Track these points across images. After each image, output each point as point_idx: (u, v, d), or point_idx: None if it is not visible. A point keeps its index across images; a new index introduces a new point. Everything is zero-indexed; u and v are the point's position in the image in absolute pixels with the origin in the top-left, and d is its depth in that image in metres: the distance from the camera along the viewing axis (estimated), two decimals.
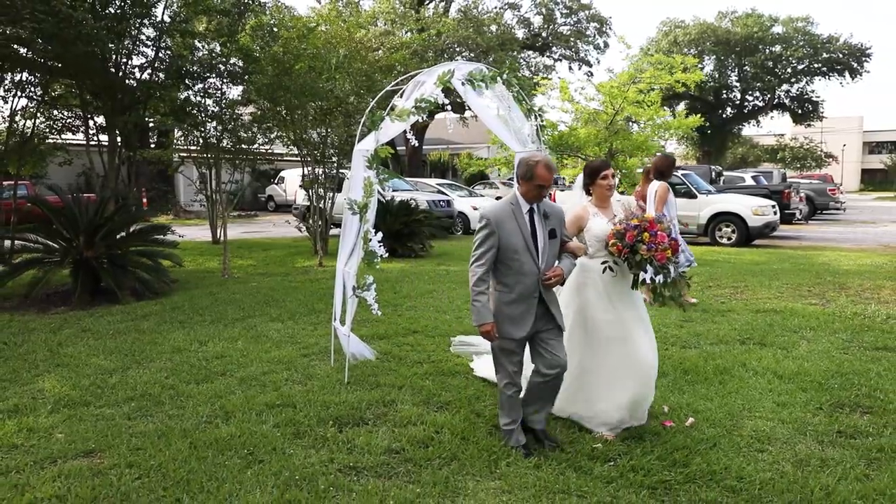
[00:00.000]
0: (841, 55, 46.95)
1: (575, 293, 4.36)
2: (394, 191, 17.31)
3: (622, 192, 15.22)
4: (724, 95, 52.54)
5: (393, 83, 5.89)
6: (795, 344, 6.43)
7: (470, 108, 5.99)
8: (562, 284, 4.11)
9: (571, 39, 38.97)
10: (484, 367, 5.38)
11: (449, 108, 33.97)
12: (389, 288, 9.58)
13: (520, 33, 39.78)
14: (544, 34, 40.27)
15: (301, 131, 13.46)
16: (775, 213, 15.61)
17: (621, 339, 4.21)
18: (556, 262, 4.07)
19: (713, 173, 22.06)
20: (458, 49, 35.66)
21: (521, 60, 40.57)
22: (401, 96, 5.52)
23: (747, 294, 9.14)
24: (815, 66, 48.69)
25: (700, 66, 49.80)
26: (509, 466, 3.81)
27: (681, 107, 53.36)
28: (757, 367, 5.61)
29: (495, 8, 38.30)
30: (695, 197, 15.54)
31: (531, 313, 3.94)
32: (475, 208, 18.61)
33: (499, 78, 5.73)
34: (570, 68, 41.50)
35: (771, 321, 7.38)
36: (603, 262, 4.20)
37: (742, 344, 6.46)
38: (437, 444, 4.08)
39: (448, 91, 5.48)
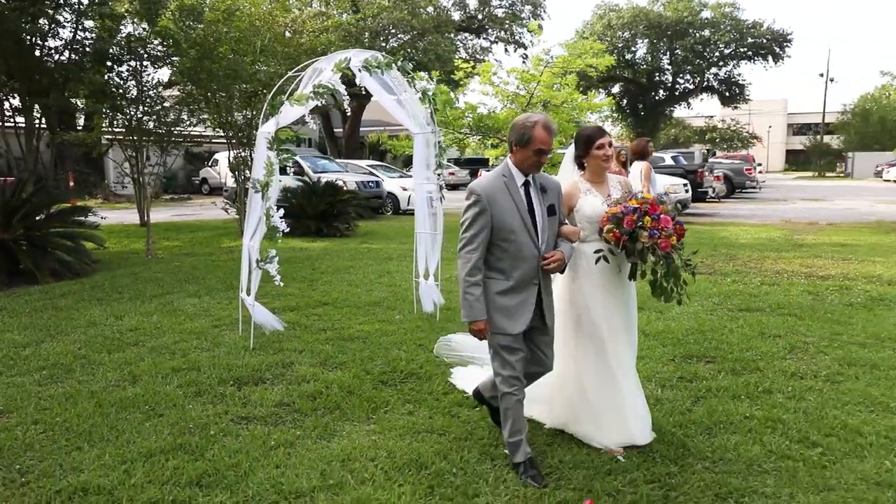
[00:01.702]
0: (765, 40, 48.86)
1: (567, 284, 3.82)
2: (322, 172, 17.63)
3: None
4: (657, 78, 54.02)
5: (294, 70, 6.25)
6: (670, 307, 7.11)
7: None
8: (562, 272, 3.61)
9: (506, 22, 39.49)
10: (468, 379, 4.71)
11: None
12: (309, 265, 9.97)
13: (456, 15, 40.09)
14: (480, 16, 40.68)
15: (227, 114, 13.61)
16: (687, 191, 16.54)
17: (615, 340, 3.75)
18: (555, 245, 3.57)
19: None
20: (393, 31, 35.83)
21: (458, 42, 40.97)
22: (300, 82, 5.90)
23: None
24: (741, 50, 50.51)
25: (633, 49, 51.33)
26: (386, 414, 4.31)
27: (616, 88, 54.85)
28: (651, 330, 6.24)
29: None
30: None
31: (530, 304, 3.43)
32: (404, 189, 19.04)
33: (394, 64, 6.16)
34: (506, 50, 41.99)
35: None
36: (596, 251, 3.65)
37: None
38: (324, 398, 4.55)
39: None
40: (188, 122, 13.36)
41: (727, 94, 52.70)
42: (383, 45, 36.28)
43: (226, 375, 5.00)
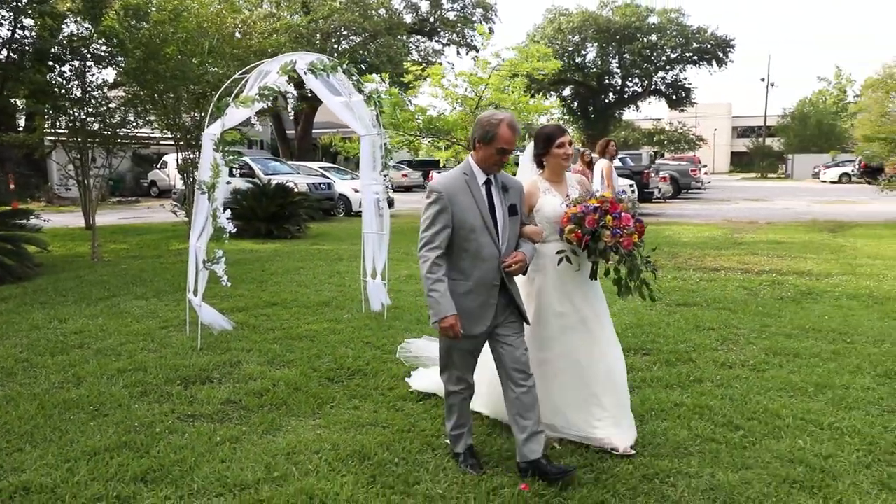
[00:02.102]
0: (709, 45, 50.28)
1: (526, 283, 3.77)
2: (273, 174, 17.54)
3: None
4: (607, 81, 55.02)
5: (240, 72, 6.28)
6: (612, 304, 7.35)
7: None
8: (523, 274, 3.53)
9: (458, 25, 39.77)
10: (427, 381, 4.71)
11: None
12: (259, 267, 9.97)
13: (408, 18, 40.19)
14: (432, 19, 40.88)
15: (175, 115, 13.46)
16: (633, 191, 16.97)
17: (579, 338, 3.75)
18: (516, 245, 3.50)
19: (589, 156, 23.36)
20: (344, 33, 35.79)
21: (410, 45, 41.11)
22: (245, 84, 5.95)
23: None
24: (687, 55, 51.88)
25: (583, 52, 52.12)
26: (331, 409, 4.41)
27: (567, 91, 55.71)
28: None
29: None
30: None
31: (491, 305, 3.35)
32: (356, 190, 19.04)
33: (339, 68, 6.25)
34: (458, 53, 42.42)
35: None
36: (558, 252, 3.61)
37: None
38: (271, 395, 4.62)
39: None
40: (134, 124, 13.16)
41: (674, 97, 53.99)
42: (335, 46, 36.18)
43: (172, 375, 5.02)
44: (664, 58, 52.71)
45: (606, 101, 55.35)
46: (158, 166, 31.40)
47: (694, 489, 3.32)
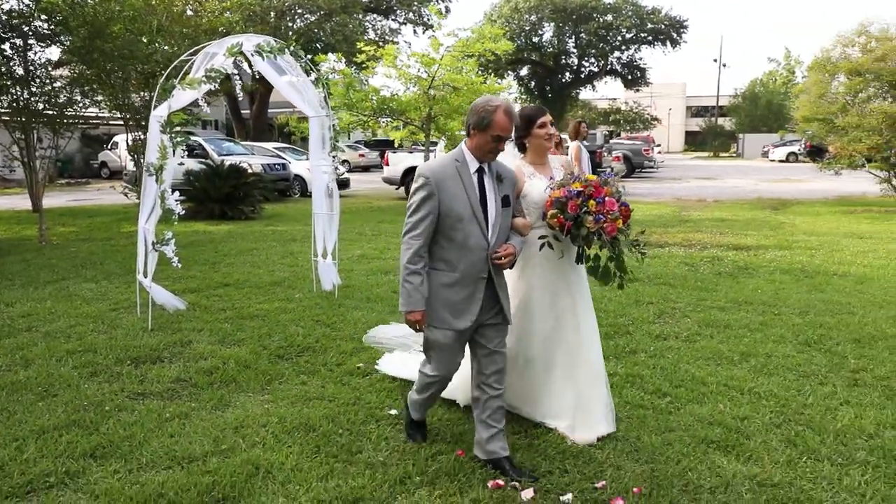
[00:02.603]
0: (663, 26, 50.91)
1: (515, 275, 3.66)
2: (227, 155, 17.38)
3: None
4: (563, 61, 55.37)
5: (186, 54, 6.28)
6: None
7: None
8: (511, 266, 3.38)
9: (414, 3, 39.49)
10: (396, 365, 4.70)
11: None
12: (212, 248, 9.97)
13: None
14: None
15: (124, 95, 13.22)
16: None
17: (565, 333, 3.69)
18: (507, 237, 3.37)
19: (558, 138, 23.70)
20: (299, 11, 35.30)
21: (367, 23, 40.72)
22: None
23: None
24: (642, 35, 52.42)
25: (540, 32, 52.30)
26: (280, 385, 4.54)
27: (524, 71, 55.92)
28: None
29: None
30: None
31: (477, 298, 3.23)
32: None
33: (286, 49, 6.29)
34: (415, 32, 42.09)
35: None
36: (540, 238, 3.50)
37: None
38: (220, 372, 4.72)
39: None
40: (81, 104, 12.89)
41: (629, 77, 54.62)
42: (290, 25, 35.66)
43: (123, 356, 5.08)
44: (620, 38, 53.20)
45: (563, 80, 55.73)
46: (109, 147, 30.71)
47: (620, 451, 3.56)
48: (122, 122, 14.02)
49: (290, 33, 35.34)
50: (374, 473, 3.29)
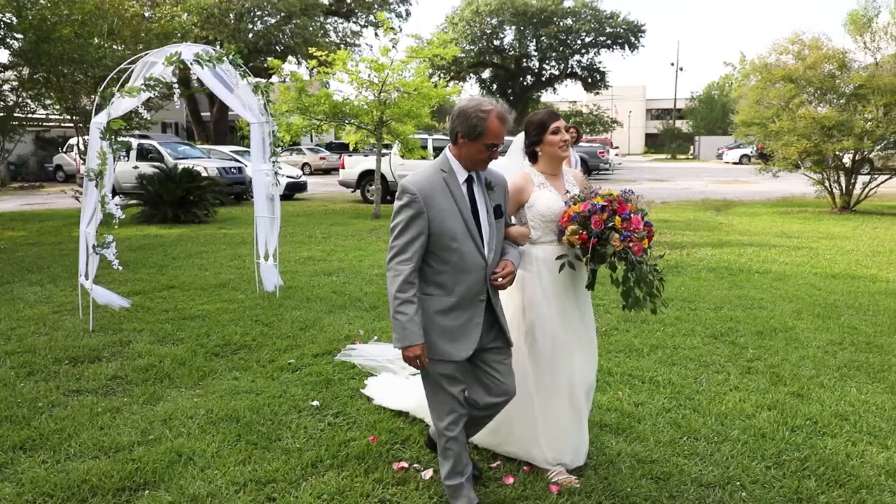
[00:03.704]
0: (621, 30, 51.90)
1: (515, 291, 3.29)
2: (182, 158, 17.42)
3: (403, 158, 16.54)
4: (525, 64, 56.08)
5: (126, 62, 6.46)
6: None
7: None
8: (510, 284, 3.02)
9: (375, 7, 39.70)
10: (385, 391, 4.34)
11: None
12: (161, 251, 10.10)
13: None
14: (349, 0, 40.65)
15: (74, 98, 13.26)
16: None
17: (572, 355, 3.33)
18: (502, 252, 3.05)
19: None
20: (258, 13, 35.22)
21: (328, 26, 40.81)
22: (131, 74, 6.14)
23: None
24: (601, 39, 53.39)
25: (501, 35, 52.82)
26: (213, 380, 4.77)
27: (486, 73, 56.48)
28: None
29: None
30: None
31: (476, 323, 2.91)
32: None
33: (225, 58, 6.51)
34: (376, 35, 42.32)
35: None
36: (559, 258, 3.17)
37: None
38: (156, 370, 4.93)
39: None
40: (28, 108, 12.89)
41: (589, 80, 55.55)
42: (249, 27, 35.62)
43: (61, 356, 5.25)
44: (579, 41, 54.09)
45: (524, 83, 56.43)
46: (64, 150, 30.31)
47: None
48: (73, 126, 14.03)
49: (250, 35, 35.34)
50: (288, 458, 3.55)
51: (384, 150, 17.16)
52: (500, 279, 2.92)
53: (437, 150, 18.21)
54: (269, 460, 3.54)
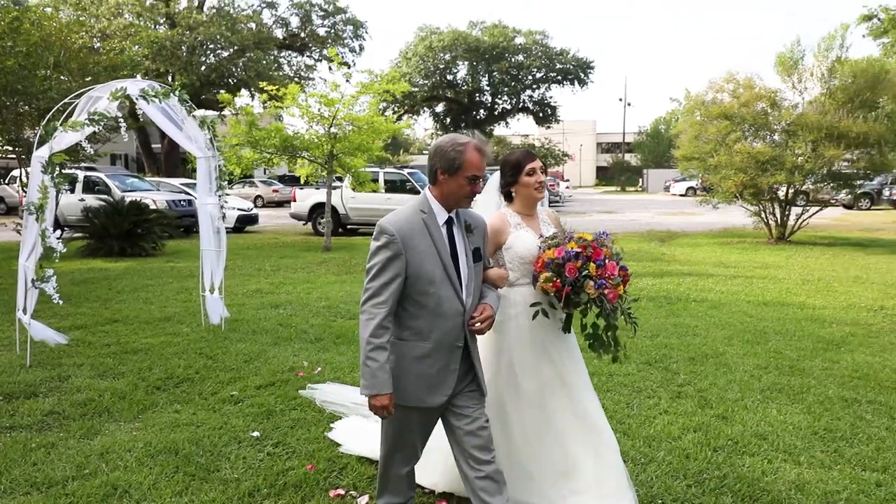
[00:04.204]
0: (571, 66, 53.43)
1: (494, 335, 3.18)
2: (130, 191, 17.23)
3: (354, 189, 16.67)
4: (477, 98, 57.11)
5: (71, 96, 6.48)
6: None
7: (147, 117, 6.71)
8: (488, 329, 2.91)
9: (329, 41, 40.12)
10: (354, 437, 4.19)
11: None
12: (106, 285, 9.96)
13: (278, 33, 40.14)
14: (302, 35, 41.01)
15: (17, 130, 13.08)
16: None
17: (558, 399, 3.20)
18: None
19: None
20: (211, 46, 35.24)
21: (282, 60, 41.02)
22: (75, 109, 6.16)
23: None
24: (551, 74, 54.84)
25: (454, 70, 53.74)
26: (153, 413, 4.76)
27: (439, 108, 57.30)
28: None
29: (251, 6, 38.23)
30: (419, 193, 17.59)
31: (452, 370, 2.81)
32: (220, 207, 19.01)
33: (172, 94, 6.58)
34: (330, 69, 42.66)
35: None
36: (533, 305, 3.08)
37: None
38: (95, 404, 4.90)
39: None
40: None
41: (541, 114, 56.83)
42: (202, 60, 35.57)
43: None
44: (531, 77, 55.44)
45: (478, 117, 57.36)
46: (6, 181, 29.55)
47: None
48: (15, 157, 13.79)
49: (203, 68, 35.28)
50: (226, 488, 3.60)
51: (336, 183, 17.29)
52: (477, 324, 2.81)
53: (388, 183, 18.44)
54: (206, 491, 3.57)
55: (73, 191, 17.68)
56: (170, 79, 32.45)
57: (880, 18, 33.74)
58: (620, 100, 69.41)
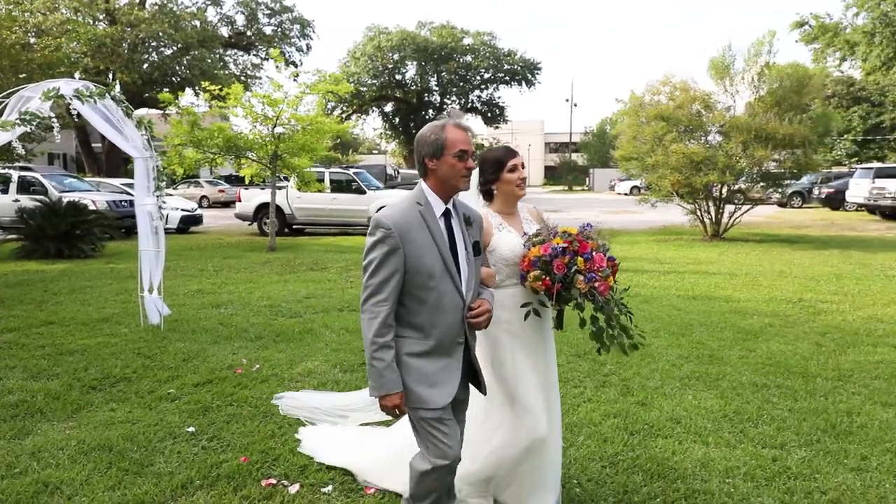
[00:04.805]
0: (518, 67, 54.12)
1: (482, 338, 3.10)
2: (69, 191, 16.85)
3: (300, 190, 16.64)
4: (427, 98, 57.31)
5: (1, 95, 6.41)
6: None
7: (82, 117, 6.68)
8: (487, 325, 2.84)
9: (275, 40, 39.74)
10: (323, 444, 4.12)
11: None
12: (42, 287, 9.79)
13: (224, 31, 39.59)
14: (249, 33, 40.54)
15: None
16: None
17: (538, 399, 3.15)
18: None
19: (395, 171, 24.66)
20: (154, 44, 34.56)
21: (228, 58, 40.47)
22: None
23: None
24: (499, 75, 55.46)
25: (403, 70, 53.81)
26: (88, 413, 4.79)
27: (388, 107, 57.30)
28: (336, 327, 7.22)
29: (196, 4, 37.61)
30: (364, 193, 17.76)
31: (455, 368, 2.73)
32: (161, 207, 18.74)
33: (107, 94, 6.57)
34: (278, 68, 42.25)
35: None
36: (524, 305, 3.02)
37: (340, 311, 8.10)
38: (27, 405, 4.89)
39: None
40: None
41: (489, 114, 57.38)
42: (144, 58, 34.86)
43: None
44: (479, 77, 55.95)
45: (427, 117, 57.50)
46: None
47: None
48: None
49: (145, 66, 34.57)
50: (158, 481, 3.68)
51: (281, 183, 17.24)
52: (478, 317, 2.74)
53: (334, 183, 18.46)
54: (139, 485, 3.65)
55: (6, 191, 17.23)
56: (110, 77, 31.70)
57: (811, 25, 35.24)
58: (567, 100, 70.53)
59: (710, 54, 17.53)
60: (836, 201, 28.62)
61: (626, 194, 45.60)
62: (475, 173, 3.13)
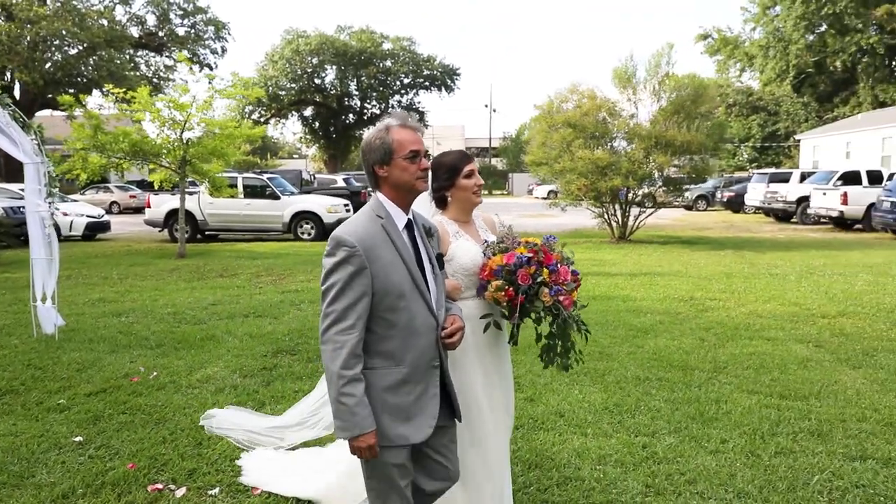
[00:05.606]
0: (437, 73, 54.68)
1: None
2: None
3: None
4: (346, 103, 57.13)
5: None
6: (286, 313, 8.25)
7: None
8: (460, 343, 2.56)
9: (189, 42, 38.79)
10: (263, 470, 3.88)
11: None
12: None
13: (133, 31, 38.35)
14: (161, 34, 39.40)
15: None
16: (348, 210, 18.20)
17: (503, 427, 3.03)
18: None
19: (310, 176, 24.52)
20: (56, 43, 33.12)
21: (138, 59, 39.22)
22: None
23: (286, 280, 11.01)
24: (419, 80, 55.87)
25: (322, 74, 53.40)
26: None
27: (308, 111, 56.74)
28: (240, 333, 7.21)
29: (103, 2, 36.28)
30: (279, 198, 17.61)
31: (433, 395, 2.44)
32: (66, 214, 18.06)
33: None
34: (191, 69, 41.21)
35: (288, 298, 9.22)
36: (483, 317, 2.82)
37: (246, 317, 8.06)
38: None
39: None
40: None
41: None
42: (46, 57, 33.36)
43: None
44: (399, 82, 56.22)
45: (347, 121, 57.41)
46: None
47: None
48: None
49: (48, 66, 33.09)
50: (39, 492, 3.64)
51: (192, 189, 16.88)
52: (451, 336, 2.48)
53: (248, 189, 18.20)
54: (17, 497, 3.61)
55: None
56: (8, 76, 30.21)
57: (713, 38, 37.13)
58: (486, 106, 71.63)
59: (614, 64, 18.21)
60: (736, 204, 30.23)
61: (543, 198, 46.68)
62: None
